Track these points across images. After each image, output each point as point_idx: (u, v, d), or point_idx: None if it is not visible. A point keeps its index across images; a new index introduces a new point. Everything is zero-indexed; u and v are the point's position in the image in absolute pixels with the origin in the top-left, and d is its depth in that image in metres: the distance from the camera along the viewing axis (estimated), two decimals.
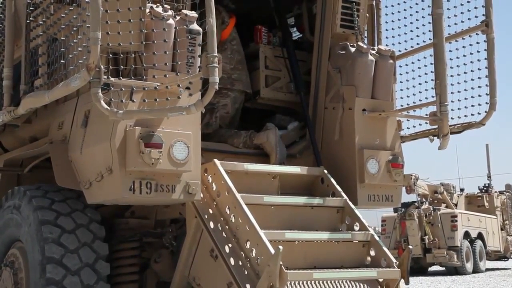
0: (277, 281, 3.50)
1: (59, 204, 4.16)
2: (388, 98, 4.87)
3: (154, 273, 4.68)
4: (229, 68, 4.81)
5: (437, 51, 4.66)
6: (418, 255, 16.78)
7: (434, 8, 4.66)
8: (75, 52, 3.60)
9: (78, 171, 4.03)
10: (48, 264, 3.92)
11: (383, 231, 18.29)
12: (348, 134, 4.72)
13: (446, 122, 4.59)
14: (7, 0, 4.41)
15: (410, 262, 4.20)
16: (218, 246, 3.87)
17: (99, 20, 3.31)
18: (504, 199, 21.13)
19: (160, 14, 3.74)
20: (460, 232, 17.28)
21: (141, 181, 3.75)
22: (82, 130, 3.94)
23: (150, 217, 4.70)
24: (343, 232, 4.32)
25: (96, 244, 4.10)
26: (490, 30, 4.68)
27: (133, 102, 3.64)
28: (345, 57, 4.77)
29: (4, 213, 4.49)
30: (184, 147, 3.79)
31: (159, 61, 3.71)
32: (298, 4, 5.24)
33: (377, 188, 4.73)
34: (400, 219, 17.56)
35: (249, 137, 4.75)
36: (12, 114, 4.28)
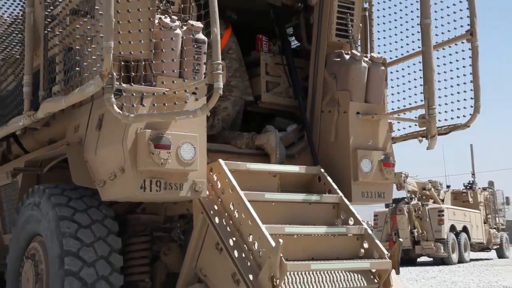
0: (278, 271, 3.52)
1: (76, 201, 4.18)
2: (380, 102, 4.88)
3: (164, 265, 4.69)
4: (227, 76, 4.82)
5: (425, 58, 4.70)
6: (408, 247, 16.88)
7: (422, 18, 4.69)
8: (90, 60, 3.61)
9: (93, 170, 4.04)
10: (66, 257, 3.93)
11: (375, 225, 18.38)
12: (343, 135, 4.73)
13: (433, 124, 4.61)
14: (27, 12, 4.42)
15: (400, 254, 4.22)
16: (222, 239, 3.88)
17: (112, 30, 3.33)
18: (487, 195, 21.25)
19: (168, 24, 3.75)
20: (446, 225, 17.38)
21: (151, 179, 3.76)
22: (97, 133, 3.95)
23: (159, 213, 4.71)
24: (339, 226, 4.33)
25: (110, 238, 4.11)
26: (474, 39, 4.69)
27: (143, 106, 3.66)
28: (340, 64, 4.79)
29: (25, 209, 4.51)
30: (191, 148, 3.81)
31: (167, 68, 3.73)
32: (296, 15, 5.25)
33: (370, 185, 4.75)
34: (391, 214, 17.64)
35: (251, 138, 4.76)
36: (32, 118, 4.30)
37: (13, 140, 5.18)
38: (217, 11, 3.52)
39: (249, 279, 3.65)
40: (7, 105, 4.85)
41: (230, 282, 3.78)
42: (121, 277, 4.09)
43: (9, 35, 4.95)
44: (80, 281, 3.92)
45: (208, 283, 4.02)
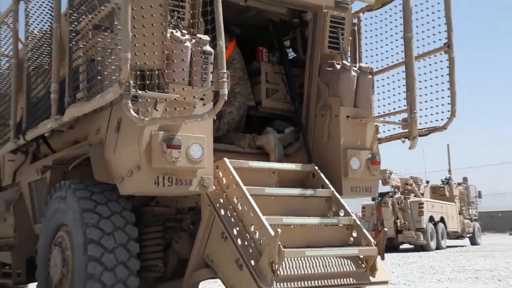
0: (276, 257, 3.51)
1: (98, 195, 4.15)
2: (368, 107, 4.85)
3: (175, 252, 4.66)
4: (231, 83, 4.79)
5: (407, 68, 4.69)
6: (392, 236, 16.98)
7: (405, 32, 4.70)
8: (109, 70, 3.60)
9: (112, 168, 4.01)
10: (89, 244, 3.91)
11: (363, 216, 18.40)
12: (334, 136, 4.71)
13: (415, 127, 4.60)
14: (54, 28, 4.41)
15: (385, 242, 4.20)
16: (227, 229, 3.86)
17: (129, 43, 3.33)
18: (461, 189, 21.39)
19: (179, 38, 3.73)
20: (425, 216, 17.47)
21: (164, 176, 3.75)
22: (115, 134, 3.93)
23: (171, 206, 4.68)
24: (330, 218, 4.30)
25: (127, 228, 4.08)
26: (451, 51, 4.70)
27: (156, 111, 3.64)
28: (332, 73, 4.76)
29: (53, 202, 4.48)
30: (199, 148, 3.80)
31: (178, 77, 3.72)
32: (293, 29, 5.21)
33: (359, 181, 4.72)
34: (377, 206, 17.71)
35: (252, 139, 4.74)
36: (58, 121, 4.29)
37: (42, 141, 5.16)
38: (222, 26, 3.52)
39: (251, 264, 3.63)
40: (37, 110, 4.84)
41: (234, 267, 3.76)
42: (138, 262, 4.06)
43: (39, 48, 4.93)
44: (102, 266, 3.90)
45: (214, 268, 4.00)
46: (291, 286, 3.66)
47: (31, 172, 5.52)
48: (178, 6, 3.81)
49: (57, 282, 4.30)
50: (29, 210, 5.65)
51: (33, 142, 5.21)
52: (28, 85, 5.09)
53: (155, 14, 3.60)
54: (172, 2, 3.75)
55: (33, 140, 5.09)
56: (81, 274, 3.94)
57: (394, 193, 17.91)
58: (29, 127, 4.90)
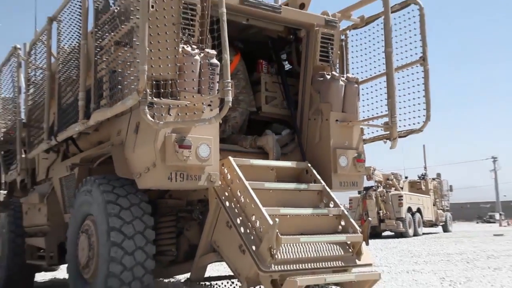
0: (274, 243, 3.50)
1: (119, 189, 4.13)
2: (354, 112, 4.82)
3: (186, 238, 4.64)
4: (235, 92, 4.78)
5: (388, 78, 4.67)
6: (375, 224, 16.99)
7: (386, 47, 4.67)
8: (129, 80, 3.58)
9: (131, 165, 3.99)
10: (112, 231, 3.89)
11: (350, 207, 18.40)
12: (325, 138, 4.68)
13: (395, 129, 4.58)
14: (82, 44, 4.39)
15: (369, 229, 4.18)
16: (232, 219, 3.83)
17: (146, 57, 3.32)
18: (435, 184, 21.42)
19: (189, 52, 3.71)
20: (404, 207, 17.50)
21: (176, 172, 3.73)
22: (134, 136, 3.91)
23: (183, 198, 4.65)
24: (322, 209, 4.27)
25: (145, 217, 4.06)
26: (426, 63, 4.70)
27: (170, 115, 3.62)
28: (322, 82, 4.74)
29: (80, 195, 4.46)
30: (207, 148, 3.78)
31: (189, 86, 3.69)
32: (289, 44, 5.19)
33: (346, 176, 4.69)
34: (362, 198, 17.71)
35: (253, 140, 4.71)
36: (85, 125, 4.27)
37: (71, 142, 5.15)
38: (227, 42, 3.51)
39: (252, 249, 3.61)
40: (66, 115, 4.83)
41: (238, 252, 3.74)
42: (154, 247, 4.04)
43: (68, 62, 4.92)
44: (123, 250, 3.88)
45: (220, 252, 3.98)
46: (288, 269, 3.64)
47: (62, 169, 5.50)
48: (188, 25, 3.80)
49: (84, 264, 4.28)
50: (60, 201, 5.64)
51: (63, 142, 5.20)
52: (59, 94, 5.08)
53: (168, 31, 3.59)
54: (184, 21, 3.73)
55: (63, 141, 5.07)
56: (104, 257, 3.92)
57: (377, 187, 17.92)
58: (60, 130, 4.88)
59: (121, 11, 3.86)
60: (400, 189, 18.73)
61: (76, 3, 4.57)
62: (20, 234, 6.63)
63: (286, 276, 3.58)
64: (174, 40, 3.62)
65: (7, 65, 7.01)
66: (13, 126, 6.89)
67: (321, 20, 4.84)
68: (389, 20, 4.64)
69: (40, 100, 5.77)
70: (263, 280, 3.64)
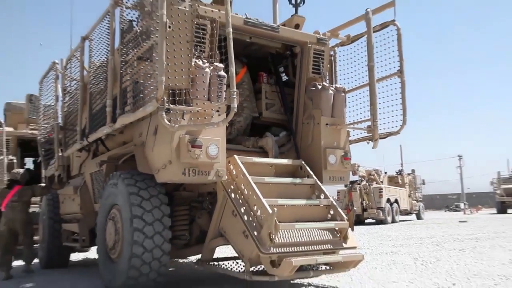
0: (273, 229, 3.48)
1: (140, 182, 4.10)
2: (341, 117, 4.78)
3: (198, 225, 4.60)
4: (240, 100, 4.75)
5: (371, 88, 4.64)
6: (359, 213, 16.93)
7: (369, 61, 4.65)
8: (149, 89, 3.55)
9: (151, 162, 3.96)
10: (134, 219, 3.87)
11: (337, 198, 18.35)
12: (317, 139, 4.64)
13: (376, 132, 4.55)
14: (109, 59, 4.37)
15: (354, 217, 4.14)
16: (236, 208, 3.80)
17: (163, 70, 3.29)
18: (410, 178, 21.34)
19: (201, 65, 3.68)
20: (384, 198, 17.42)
21: (189, 168, 3.70)
22: (153, 137, 3.88)
23: (194, 190, 4.62)
24: (314, 200, 4.23)
25: (162, 207, 4.03)
26: (402, 75, 4.66)
27: (184, 120, 3.60)
28: (314, 91, 4.71)
29: (108, 187, 4.44)
30: (216, 147, 3.75)
31: (200, 94, 3.66)
32: (286, 59, 5.16)
33: (335, 172, 4.65)
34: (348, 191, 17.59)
35: (255, 141, 4.68)
36: (112, 127, 4.25)
37: (100, 142, 5.13)
38: (233, 57, 3.51)
39: (254, 234, 3.58)
40: (96, 119, 4.81)
41: (242, 237, 3.70)
42: (170, 232, 4.01)
43: (98, 74, 4.90)
44: (144, 235, 3.86)
45: (227, 237, 3.94)
46: (284, 251, 3.60)
47: (92, 165, 5.49)
48: (200, 42, 3.78)
49: (111, 246, 4.26)
50: (91, 193, 5.62)
51: (93, 143, 5.18)
52: (90, 101, 5.06)
53: (183, 48, 3.56)
54: (196, 39, 3.71)
55: (93, 141, 5.06)
56: (128, 241, 3.89)
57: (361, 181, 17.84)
58: (91, 132, 4.86)
59: (143, 31, 3.83)
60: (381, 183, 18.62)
61: (105, 24, 4.55)
62: (57, 220, 6.64)
63: (283, 257, 3.55)
64: (188, 55, 3.59)
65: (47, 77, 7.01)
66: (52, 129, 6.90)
67: (313, 38, 4.83)
68: (371, 38, 4.62)
69: (74, 107, 5.76)
70: (263, 261, 3.60)
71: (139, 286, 3.95)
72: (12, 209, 6.04)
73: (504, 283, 4.27)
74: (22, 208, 6.13)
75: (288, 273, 3.50)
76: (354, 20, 4.89)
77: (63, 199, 6.55)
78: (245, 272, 3.67)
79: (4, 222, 6.04)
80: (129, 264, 3.84)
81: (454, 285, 4.25)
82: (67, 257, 6.89)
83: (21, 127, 9.48)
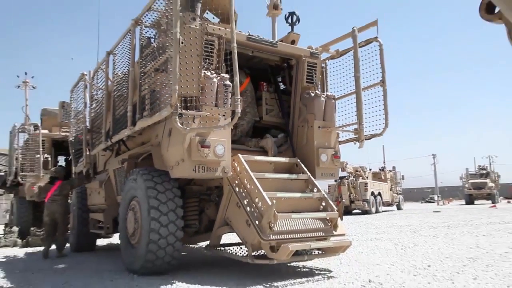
0: (272, 219, 3.45)
1: (156, 178, 4.06)
2: (332, 121, 4.74)
3: (206, 215, 4.56)
4: (244, 106, 4.70)
5: (357, 96, 4.56)
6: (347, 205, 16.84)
7: (355, 72, 4.59)
8: (164, 97, 3.52)
9: (166, 160, 3.92)
10: (151, 209, 3.83)
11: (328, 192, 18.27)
12: (310, 140, 4.61)
13: (362, 134, 4.49)
14: (130, 71, 4.34)
15: (343, 208, 4.09)
16: (240, 200, 3.76)
17: (177, 80, 3.26)
18: (392, 174, 21.30)
19: (209, 76, 3.65)
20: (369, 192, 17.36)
21: (199, 165, 3.66)
22: (168, 138, 3.84)
23: (203, 185, 4.58)
24: (308, 193, 4.19)
25: (176, 199, 3.99)
26: (384, 85, 4.60)
27: (194, 123, 3.56)
28: (308, 98, 4.67)
29: (128, 182, 4.40)
30: (222, 147, 3.71)
31: (208, 101, 3.63)
32: (283, 70, 5.13)
33: (326, 169, 4.61)
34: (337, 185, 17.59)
35: (257, 142, 4.65)
36: (132, 130, 4.22)
37: (122, 143, 5.09)
38: (237, 68, 3.47)
39: (256, 223, 3.54)
40: (119, 123, 4.78)
41: (245, 225, 3.66)
42: (182, 221, 3.97)
43: (120, 84, 4.87)
44: (159, 223, 3.82)
45: (232, 225, 3.90)
46: (282, 238, 3.56)
47: (115, 163, 5.45)
48: (208, 56, 3.76)
49: (131, 233, 4.22)
50: (114, 187, 5.58)
51: (116, 143, 5.14)
52: (113, 107, 5.02)
53: (194, 61, 3.53)
54: (205, 53, 3.69)
55: (116, 142, 5.02)
56: (146, 229, 3.86)
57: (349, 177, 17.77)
58: (114, 134, 4.82)
59: (159, 46, 3.81)
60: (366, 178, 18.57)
61: (127, 41, 4.52)
62: (85, 210, 6.62)
63: (281, 243, 3.51)
64: (198, 67, 3.56)
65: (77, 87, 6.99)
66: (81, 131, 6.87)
67: (307, 52, 4.80)
68: (357, 53, 4.58)
69: (100, 112, 5.73)
70: (264, 246, 3.56)
71: (155, 268, 3.92)
72: (54, 202, 6.14)
73: (471, 264, 4.26)
74: (62, 201, 6.22)
75: (286, 257, 3.46)
76: (342, 37, 4.85)
77: (90, 192, 6.53)
78: (248, 256, 3.63)
79: (47, 213, 6.14)
80: (147, 249, 3.80)
81: (429, 266, 4.21)
82: (93, 242, 6.87)
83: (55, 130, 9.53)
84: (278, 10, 5.04)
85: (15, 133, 9.40)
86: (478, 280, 3.45)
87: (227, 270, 4.29)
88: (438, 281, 3.44)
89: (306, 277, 3.78)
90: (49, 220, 6.11)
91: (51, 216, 6.10)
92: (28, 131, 9.22)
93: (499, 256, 4.76)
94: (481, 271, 3.87)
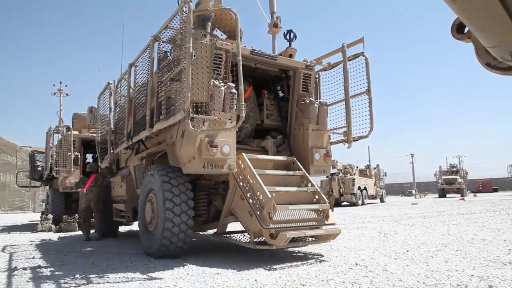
0: (272, 210, 3.42)
1: (171, 173, 4.03)
2: (324, 124, 4.69)
3: (214, 206, 4.53)
4: (247, 111, 4.67)
5: (346, 103, 4.54)
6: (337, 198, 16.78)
7: (345, 82, 4.55)
8: (178, 103, 3.49)
9: (179, 158, 3.90)
10: (166, 201, 3.80)
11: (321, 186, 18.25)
12: (305, 141, 4.57)
13: (350, 136, 4.45)
14: (149, 80, 4.31)
15: (333, 201, 4.05)
16: (244, 193, 3.73)
17: (189, 88, 3.24)
18: (376, 171, 21.25)
19: (217, 84, 3.62)
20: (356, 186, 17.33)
21: (208, 163, 3.63)
22: (181, 139, 3.82)
23: (212, 180, 4.55)
24: (303, 187, 4.15)
25: (187, 192, 3.96)
26: (370, 94, 4.54)
27: (204, 126, 3.53)
28: (304, 104, 4.64)
29: (146, 177, 4.38)
30: (228, 147, 3.68)
31: (216, 107, 3.60)
32: (282, 80, 5.08)
33: (319, 166, 4.57)
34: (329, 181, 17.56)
35: (258, 142, 4.62)
36: (150, 131, 4.19)
37: (141, 142, 5.07)
38: (242, 78, 3.43)
39: (257, 213, 3.51)
40: (138, 125, 4.75)
41: (248, 215, 3.63)
42: (193, 212, 3.94)
43: (140, 91, 4.84)
44: (173, 213, 3.79)
45: (236, 215, 3.86)
46: (280, 226, 3.52)
47: (135, 160, 5.43)
48: (217, 67, 3.73)
49: (149, 221, 4.19)
50: (134, 181, 5.56)
51: (136, 143, 5.13)
52: (134, 112, 5.00)
53: (204, 71, 3.51)
54: (214, 64, 3.67)
55: (136, 142, 5.00)
56: (161, 218, 3.83)
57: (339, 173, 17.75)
58: (134, 135, 4.79)
59: (174, 59, 3.78)
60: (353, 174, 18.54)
61: (146, 54, 4.50)
62: (110, 201, 6.59)
63: (279, 231, 3.47)
64: (208, 77, 3.54)
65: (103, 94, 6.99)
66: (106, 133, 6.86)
67: (303, 64, 4.76)
68: (346, 65, 4.54)
69: (122, 116, 5.71)
70: (264, 234, 3.52)
71: (169, 252, 3.89)
72: (90, 192, 6.31)
73: (443, 249, 4.24)
74: (97, 190, 6.37)
75: (283, 243, 3.43)
76: (333, 52, 4.82)
77: (114, 185, 6.51)
78: (250, 242, 3.60)
79: (84, 201, 6.34)
80: (162, 235, 3.77)
81: (408, 251, 4.17)
82: (117, 229, 6.85)
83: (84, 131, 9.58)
84: (277, 28, 5.02)
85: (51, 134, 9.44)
86: (449, 263, 3.45)
87: (231, 254, 4.26)
88: (415, 264, 3.43)
89: (301, 260, 3.75)
90: (86, 207, 6.32)
91: (87, 204, 6.31)
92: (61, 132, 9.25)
93: (466, 242, 4.78)
94: (451, 255, 3.87)
